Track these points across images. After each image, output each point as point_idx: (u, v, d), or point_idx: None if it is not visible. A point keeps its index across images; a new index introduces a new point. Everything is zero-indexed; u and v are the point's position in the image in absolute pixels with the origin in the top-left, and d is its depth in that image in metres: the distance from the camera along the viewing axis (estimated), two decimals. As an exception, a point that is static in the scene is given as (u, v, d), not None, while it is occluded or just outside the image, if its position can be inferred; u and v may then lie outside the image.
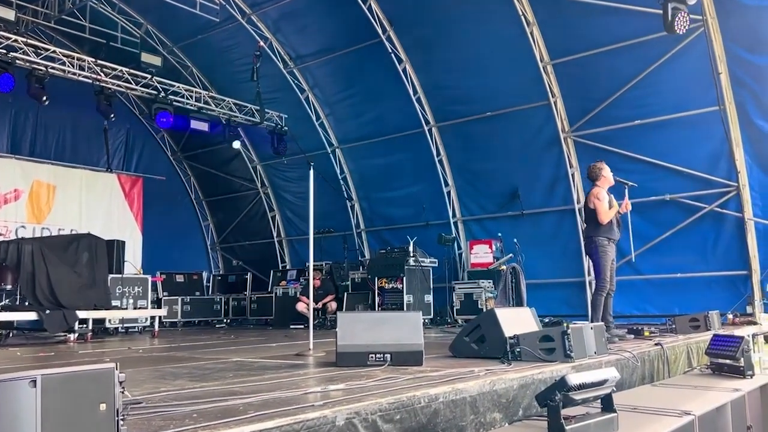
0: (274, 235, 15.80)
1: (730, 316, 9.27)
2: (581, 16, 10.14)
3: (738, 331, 7.79)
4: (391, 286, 11.60)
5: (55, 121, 14.12)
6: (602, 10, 9.86)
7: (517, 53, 10.91)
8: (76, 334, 9.13)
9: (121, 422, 2.17)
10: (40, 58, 10.73)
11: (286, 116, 13.98)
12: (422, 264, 11.74)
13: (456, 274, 12.50)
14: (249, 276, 15.22)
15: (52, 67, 10.85)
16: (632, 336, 7.04)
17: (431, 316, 11.85)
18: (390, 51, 12.09)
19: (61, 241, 10.98)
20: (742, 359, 5.48)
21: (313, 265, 8.78)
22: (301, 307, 11.83)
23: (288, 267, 15.33)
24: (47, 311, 8.97)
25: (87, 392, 2.07)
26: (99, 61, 11.58)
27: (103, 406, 2.09)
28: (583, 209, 7.69)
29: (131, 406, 2.77)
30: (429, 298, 11.85)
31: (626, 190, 7.19)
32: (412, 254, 11.63)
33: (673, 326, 7.65)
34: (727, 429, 4.31)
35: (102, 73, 11.48)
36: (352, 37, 12.43)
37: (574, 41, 10.49)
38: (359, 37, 12.27)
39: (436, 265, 12.14)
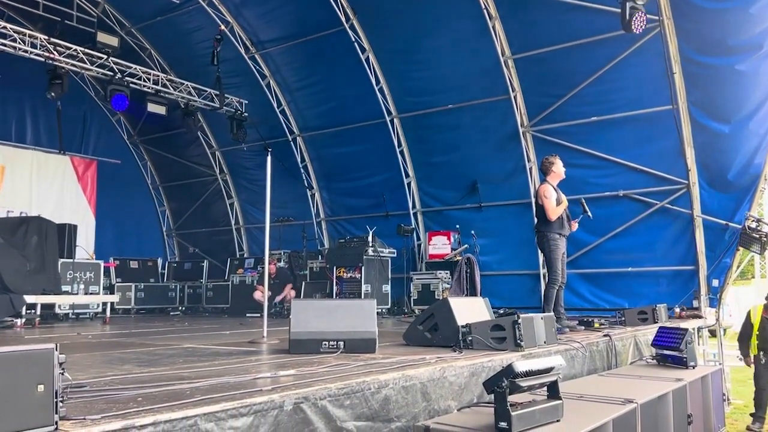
0: (233, 222, 15.60)
1: (677, 310, 9.54)
2: (542, 12, 10.28)
3: (684, 325, 8.04)
4: (349, 275, 11.60)
5: (6, 100, 13.63)
6: (563, 7, 9.99)
7: (479, 47, 10.98)
8: (24, 320, 8.90)
9: (60, 404, 2.11)
10: (-10, 34, 10.34)
11: (246, 102, 13.78)
12: (381, 254, 11.78)
13: (414, 265, 12.56)
14: (205, 263, 15.02)
15: (2, 44, 10.45)
16: (582, 327, 7.20)
17: (389, 306, 11.91)
18: (353, 40, 12.02)
19: (9, 223, 10.66)
20: (685, 351, 5.66)
21: (271, 254, 8.70)
22: (257, 295, 11.71)
23: (246, 255, 15.18)
24: (-7, 295, 8.72)
25: (23, 373, 2.01)
26: (52, 39, 11.20)
27: (41, 388, 2.04)
28: (533, 204, 7.78)
29: (73, 389, 2.71)
30: (387, 288, 11.89)
31: (580, 216, 7.30)
32: (371, 244, 11.65)
33: (623, 319, 7.84)
34: (668, 417, 4.45)
35: (55, 52, 11.10)
36: (315, 25, 12.30)
37: (534, 37, 10.61)
38: (322, 24, 12.15)
39: (395, 255, 12.19)
